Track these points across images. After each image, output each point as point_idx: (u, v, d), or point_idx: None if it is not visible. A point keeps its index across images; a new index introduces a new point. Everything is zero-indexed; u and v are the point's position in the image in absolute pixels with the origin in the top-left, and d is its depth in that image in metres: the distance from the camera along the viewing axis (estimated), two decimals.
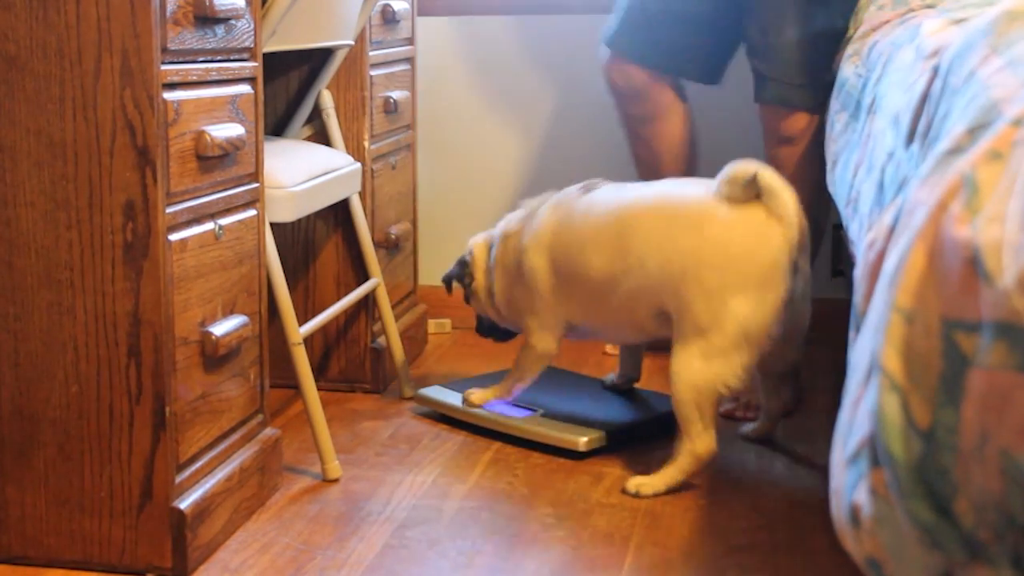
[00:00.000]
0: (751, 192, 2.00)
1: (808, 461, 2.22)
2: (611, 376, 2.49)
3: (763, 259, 1.96)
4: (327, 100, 2.53)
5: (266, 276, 2.04)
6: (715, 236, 1.99)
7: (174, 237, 1.72)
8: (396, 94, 2.71)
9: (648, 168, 2.74)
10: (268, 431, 2.05)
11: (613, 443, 2.21)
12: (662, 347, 2.55)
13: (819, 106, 2.45)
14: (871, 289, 1.12)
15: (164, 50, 1.68)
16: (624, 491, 2.04)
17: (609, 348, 2.88)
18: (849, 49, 2.26)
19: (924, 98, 1.44)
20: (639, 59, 2.63)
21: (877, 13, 2.21)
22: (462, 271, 2.38)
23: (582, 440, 2.16)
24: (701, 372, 1.99)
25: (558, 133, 3.16)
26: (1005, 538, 0.92)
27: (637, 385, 2.51)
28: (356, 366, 2.63)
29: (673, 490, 2.04)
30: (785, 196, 1.98)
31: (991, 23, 1.34)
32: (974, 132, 1.09)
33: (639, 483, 2.04)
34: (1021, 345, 0.89)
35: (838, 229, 2.83)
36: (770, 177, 1.99)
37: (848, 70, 2.18)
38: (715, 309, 1.97)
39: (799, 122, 2.50)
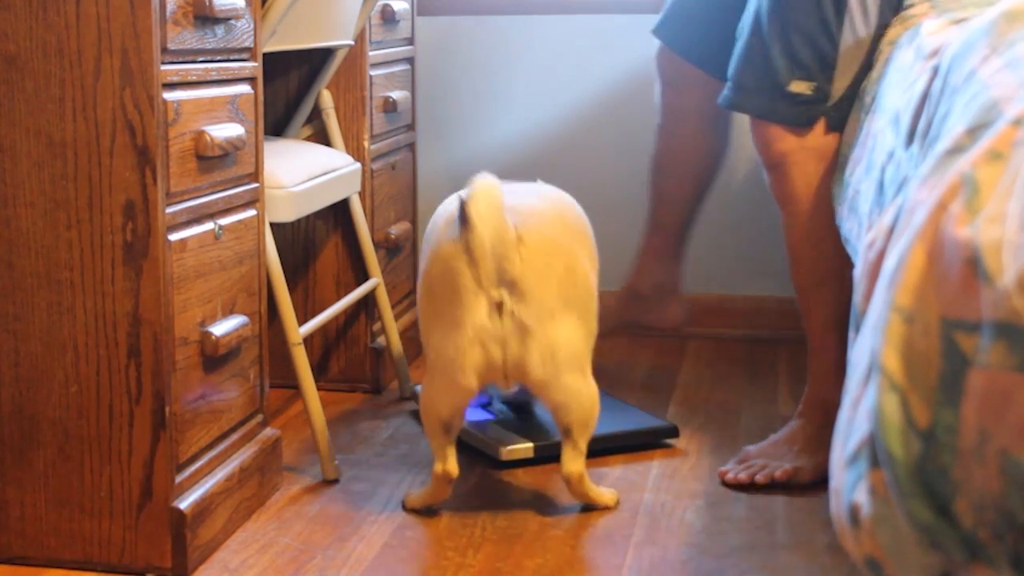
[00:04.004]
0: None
1: None
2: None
3: (449, 295, 1.85)
4: (327, 100, 2.53)
5: (266, 276, 2.04)
6: (429, 260, 1.92)
7: (174, 237, 1.72)
8: (396, 94, 2.71)
9: (666, 164, 2.62)
10: (268, 431, 2.05)
11: (540, 458, 2.16)
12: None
13: (796, 121, 2.07)
14: (871, 289, 1.12)
15: (164, 50, 1.68)
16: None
17: None
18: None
19: (924, 98, 1.44)
20: (689, 55, 2.52)
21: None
22: None
23: (508, 449, 2.14)
24: (423, 395, 1.95)
25: (558, 133, 3.16)
26: (1005, 538, 0.92)
27: (627, 400, 2.49)
28: (356, 366, 2.63)
29: (425, 507, 1.99)
30: (479, 229, 1.79)
31: (991, 23, 1.34)
32: (974, 132, 1.09)
33: (408, 493, 2.03)
34: (1021, 345, 0.89)
35: None
36: (475, 205, 1.80)
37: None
38: (424, 333, 1.95)
39: (780, 142, 2.10)
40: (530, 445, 2.15)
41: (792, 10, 2.07)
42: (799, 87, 2.07)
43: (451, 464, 1.94)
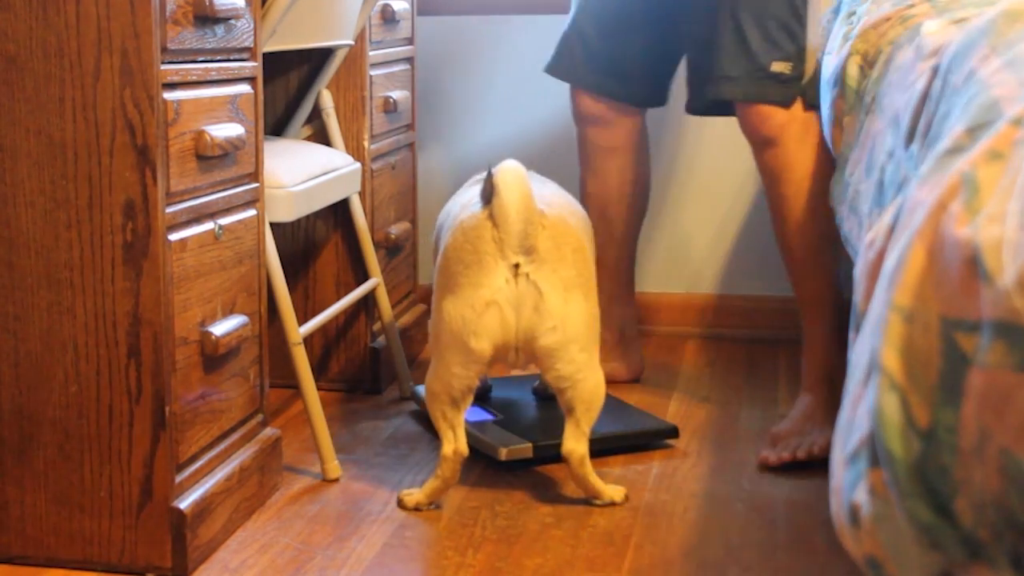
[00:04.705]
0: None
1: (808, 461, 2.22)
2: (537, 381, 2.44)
3: (468, 260, 1.90)
4: (327, 100, 2.53)
5: (266, 276, 2.04)
6: (447, 239, 1.97)
7: (174, 237, 1.72)
8: (396, 94, 2.71)
9: (597, 206, 2.60)
10: (268, 431, 2.05)
11: (540, 458, 2.16)
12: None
13: (783, 99, 2.29)
14: (871, 288, 1.12)
15: (164, 50, 1.68)
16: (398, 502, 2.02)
17: None
18: (850, 47, 2.25)
19: (924, 98, 1.44)
20: (591, 87, 2.55)
21: (876, 10, 2.21)
22: None
23: (507, 449, 2.14)
24: (430, 377, 1.97)
25: (558, 133, 3.15)
26: (1004, 538, 0.92)
27: (627, 400, 2.48)
28: (356, 366, 2.63)
29: (433, 499, 2.00)
30: (505, 196, 1.88)
31: (991, 23, 1.34)
32: (974, 132, 1.09)
33: (406, 492, 2.03)
34: (1021, 345, 0.89)
35: None
36: (502, 176, 1.90)
37: (853, 70, 2.18)
38: (435, 312, 1.97)
39: (773, 118, 2.31)
40: (529, 445, 2.15)
41: (769, 1, 2.30)
42: (780, 67, 2.30)
43: (461, 442, 1.96)
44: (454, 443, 1.96)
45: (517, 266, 1.90)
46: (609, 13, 2.53)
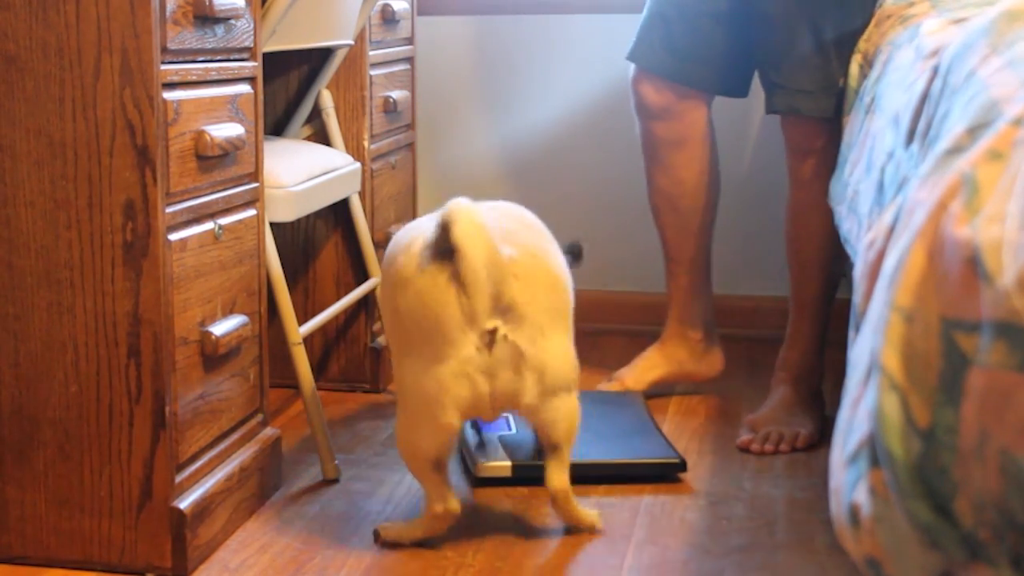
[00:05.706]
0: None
1: (808, 461, 2.22)
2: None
3: (428, 328, 1.71)
4: (327, 100, 2.53)
5: (266, 276, 2.04)
6: (399, 294, 1.76)
7: (174, 237, 1.72)
8: (396, 94, 2.71)
9: (668, 200, 2.51)
10: (268, 431, 2.05)
11: (518, 478, 2.07)
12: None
13: (843, 111, 2.21)
14: (871, 289, 1.12)
15: (164, 50, 1.68)
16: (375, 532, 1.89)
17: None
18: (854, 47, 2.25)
19: (924, 98, 1.44)
20: (667, 73, 2.43)
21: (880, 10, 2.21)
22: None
23: (484, 465, 2.06)
24: (400, 436, 1.83)
25: (559, 134, 3.15)
26: (1005, 538, 0.92)
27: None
28: (356, 366, 2.63)
29: (413, 543, 1.85)
30: (471, 256, 1.65)
31: (991, 23, 1.34)
32: (974, 132, 1.09)
33: (385, 526, 1.87)
34: (1021, 345, 0.89)
35: None
36: (461, 228, 1.65)
37: (854, 69, 2.18)
38: (396, 371, 1.82)
39: (819, 133, 2.31)
40: (508, 464, 2.07)
41: (853, 17, 2.24)
42: (842, 82, 2.26)
43: (452, 502, 1.82)
44: (444, 504, 1.81)
45: (493, 331, 1.70)
46: None
